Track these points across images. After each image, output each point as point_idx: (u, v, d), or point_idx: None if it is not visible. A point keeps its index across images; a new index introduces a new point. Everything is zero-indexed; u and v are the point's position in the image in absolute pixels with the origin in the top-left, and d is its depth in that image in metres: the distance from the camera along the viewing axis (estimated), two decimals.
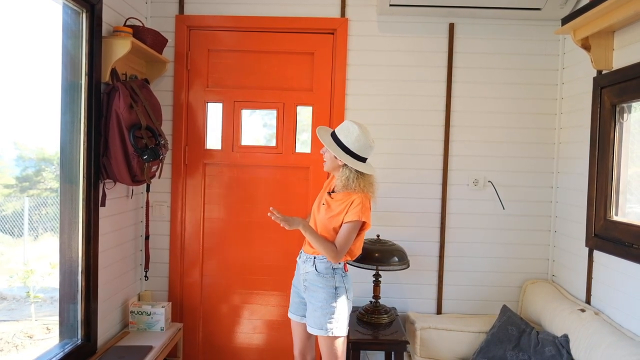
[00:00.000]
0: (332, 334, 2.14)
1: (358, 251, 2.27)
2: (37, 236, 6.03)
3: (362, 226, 2.17)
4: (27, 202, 5.84)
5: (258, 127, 3.05)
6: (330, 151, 2.16)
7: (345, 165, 2.16)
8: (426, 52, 2.86)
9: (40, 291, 4.82)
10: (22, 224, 5.81)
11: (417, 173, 2.89)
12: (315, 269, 2.19)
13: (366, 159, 2.20)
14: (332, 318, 2.14)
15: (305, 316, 2.28)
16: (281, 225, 2.08)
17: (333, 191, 2.25)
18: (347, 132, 2.16)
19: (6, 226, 6.09)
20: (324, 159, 2.26)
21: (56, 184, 5.93)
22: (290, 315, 2.38)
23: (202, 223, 2.98)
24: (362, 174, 2.17)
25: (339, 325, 2.16)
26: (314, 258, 2.20)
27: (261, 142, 3.03)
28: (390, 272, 2.71)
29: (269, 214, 2.06)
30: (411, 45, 2.86)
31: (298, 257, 2.35)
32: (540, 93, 2.85)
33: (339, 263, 2.19)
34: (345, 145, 2.15)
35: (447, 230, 2.90)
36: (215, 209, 2.99)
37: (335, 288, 2.17)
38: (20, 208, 5.92)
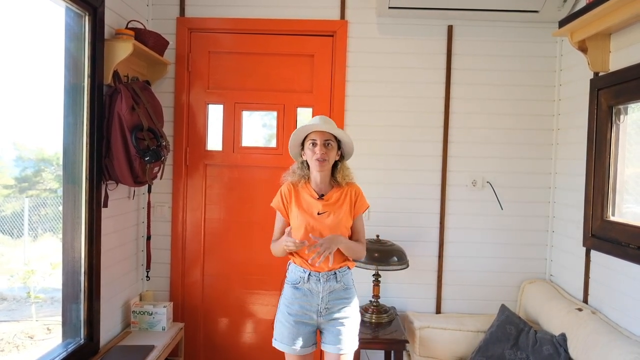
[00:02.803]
0: (358, 344, 2.06)
1: None
2: (36, 236, 6.03)
3: None
4: (27, 203, 5.84)
5: (258, 129, 3.07)
6: (346, 140, 2.05)
7: (340, 158, 2.09)
8: (425, 54, 2.89)
9: (40, 291, 4.82)
10: (22, 224, 5.80)
11: (416, 174, 2.91)
12: (343, 284, 2.03)
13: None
14: (358, 328, 2.07)
15: (313, 345, 2.04)
16: (325, 254, 1.88)
17: (322, 196, 2.06)
18: (331, 122, 2.07)
19: (6, 227, 6.08)
20: (325, 158, 1.98)
21: (55, 185, 5.94)
22: (287, 349, 1.99)
23: (203, 223, 3.00)
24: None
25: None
26: (336, 273, 2.02)
27: (261, 143, 3.05)
28: (389, 272, 2.74)
29: (307, 251, 1.93)
30: (410, 47, 2.89)
31: (301, 281, 2.01)
32: (538, 94, 2.88)
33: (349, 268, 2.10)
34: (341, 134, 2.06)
35: (446, 231, 2.92)
36: (216, 210, 3.01)
37: (356, 296, 2.09)
38: (20, 208, 5.92)
